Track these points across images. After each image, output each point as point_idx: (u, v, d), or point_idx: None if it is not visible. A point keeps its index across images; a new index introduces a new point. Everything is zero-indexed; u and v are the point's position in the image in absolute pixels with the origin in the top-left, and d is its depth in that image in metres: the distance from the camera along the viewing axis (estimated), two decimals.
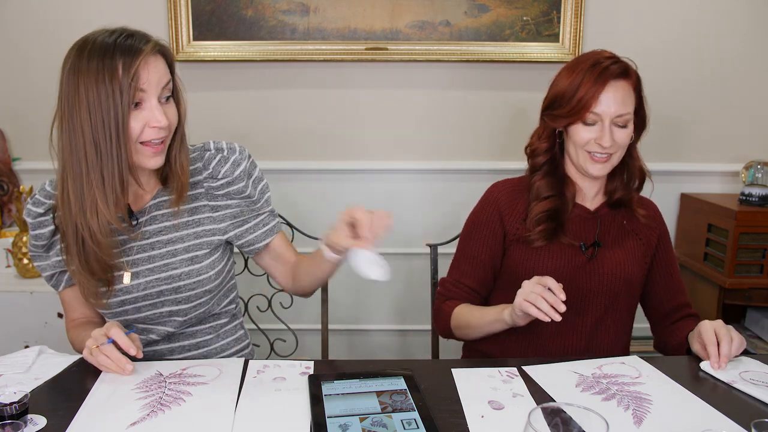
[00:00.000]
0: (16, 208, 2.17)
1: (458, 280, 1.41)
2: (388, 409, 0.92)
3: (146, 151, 1.11)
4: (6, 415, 0.88)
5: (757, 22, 2.21)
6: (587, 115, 1.27)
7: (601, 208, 1.38)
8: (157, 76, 1.09)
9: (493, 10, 2.16)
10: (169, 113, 1.13)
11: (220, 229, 1.25)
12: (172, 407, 0.95)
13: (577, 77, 1.28)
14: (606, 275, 1.33)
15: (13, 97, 2.25)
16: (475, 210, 1.44)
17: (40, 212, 1.20)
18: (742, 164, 2.24)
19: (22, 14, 2.19)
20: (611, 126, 1.27)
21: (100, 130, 1.05)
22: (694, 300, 2.25)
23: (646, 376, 1.08)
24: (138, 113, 1.08)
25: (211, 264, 1.24)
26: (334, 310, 2.33)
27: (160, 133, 1.11)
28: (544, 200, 1.34)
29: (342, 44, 2.18)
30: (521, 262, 1.35)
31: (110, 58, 1.05)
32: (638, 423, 0.92)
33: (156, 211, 1.22)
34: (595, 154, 1.29)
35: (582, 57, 1.33)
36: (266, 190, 1.31)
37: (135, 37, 1.09)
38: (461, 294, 1.40)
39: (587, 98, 1.26)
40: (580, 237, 1.35)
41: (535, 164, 1.39)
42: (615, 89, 1.26)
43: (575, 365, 1.12)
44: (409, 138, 2.30)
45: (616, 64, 1.28)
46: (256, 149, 2.28)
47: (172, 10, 2.13)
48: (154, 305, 1.22)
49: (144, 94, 1.08)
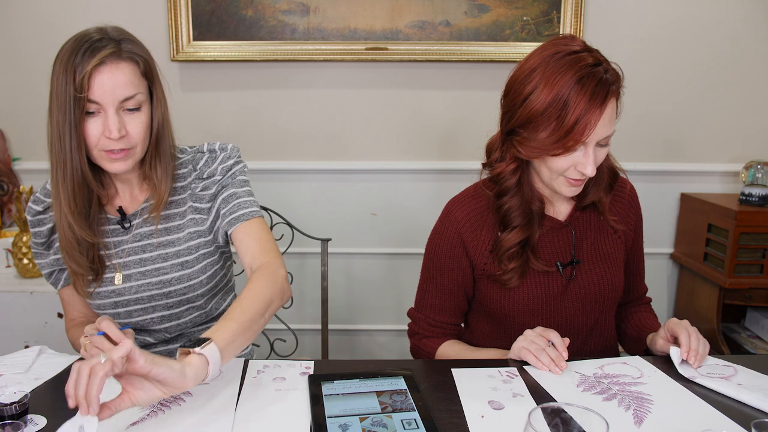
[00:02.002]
0: (16, 208, 2.17)
1: (431, 317, 1.29)
2: (388, 409, 0.92)
3: (106, 156, 1.09)
4: (6, 415, 0.88)
5: (757, 22, 2.21)
6: (578, 145, 1.06)
7: (572, 215, 1.24)
8: (112, 88, 1.05)
9: (493, 10, 2.16)
10: (131, 125, 1.08)
11: (205, 230, 1.23)
12: (172, 407, 0.95)
13: (561, 94, 1.03)
14: (590, 295, 1.22)
15: (13, 97, 2.25)
16: (435, 240, 1.26)
17: (39, 210, 1.20)
18: (742, 164, 2.24)
19: (22, 14, 2.19)
20: (594, 150, 1.08)
21: (61, 129, 1.05)
22: (694, 300, 2.25)
23: (648, 376, 1.08)
24: (95, 120, 1.06)
25: (203, 269, 1.22)
26: (334, 310, 2.34)
27: (117, 144, 1.08)
28: (516, 230, 1.17)
29: (342, 44, 2.18)
30: (494, 300, 1.23)
31: (72, 61, 1.03)
32: (639, 423, 0.92)
33: (147, 214, 1.21)
34: (573, 180, 1.12)
35: (558, 62, 1.06)
36: (237, 174, 1.23)
37: (103, 41, 1.05)
38: (438, 332, 1.30)
39: (581, 127, 1.03)
40: (553, 254, 1.22)
41: (503, 189, 1.18)
42: (608, 108, 1.05)
43: (577, 365, 1.11)
44: (409, 138, 2.30)
45: (608, 72, 1.06)
46: (255, 149, 2.29)
47: (172, 10, 2.13)
48: (146, 310, 1.22)
49: (96, 105, 1.05)
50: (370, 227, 2.34)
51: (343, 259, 2.36)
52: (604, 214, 1.24)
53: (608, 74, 1.06)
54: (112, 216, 1.21)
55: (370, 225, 2.34)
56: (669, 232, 2.39)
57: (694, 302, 2.27)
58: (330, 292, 1.80)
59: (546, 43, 1.12)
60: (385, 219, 2.34)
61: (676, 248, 2.38)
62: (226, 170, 1.23)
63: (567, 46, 1.08)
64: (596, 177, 1.19)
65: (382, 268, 2.38)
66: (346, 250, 2.34)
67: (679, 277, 2.40)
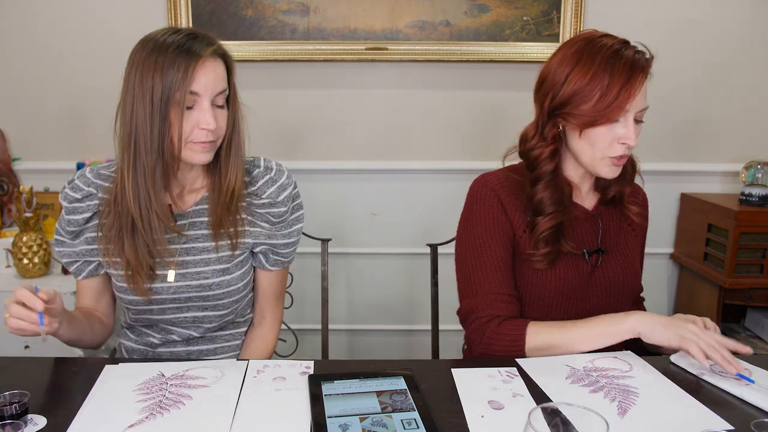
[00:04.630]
0: (16, 208, 2.17)
1: (494, 292, 1.19)
2: (388, 409, 0.92)
3: (195, 147, 1.13)
4: (6, 415, 0.88)
5: (757, 22, 2.21)
6: (621, 112, 1.13)
7: (598, 206, 1.30)
8: (213, 81, 1.11)
9: (493, 10, 2.16)
10: (220, 119, 1.14)
11: (252, 244, 1.25)
12: (171, 410, 0.95)
13: (601, 72, 1.12)
14: (614, 287, 1.27)
15: (13, 97, 2.25)
16: (473, 208, 1.26)
17: (77, 197, 1.20)
18: (742, 164, 2.24)
19: (22, 14, 2.19)
20: (633, 123, 1.16)
21: (150, 123, 1.08)
22: (694, 300, 2.25)
23: (637, 370, 1.09)
24: (189, 114, 1.10)
25: (241, 276, 1.24)
26: (334, 310, 2.34)
27: (209, 136, 1.12)
28: (550, 216, 1.20)
29: (342, 44, 2.18)
30: (524, 281, 1.24)
31: (166, 55, 1.07)
32: (622, 414, 0.93)
33: (196, 218, 1.22)
34: (617, 159, 1.17)
35: (590, 45, 1.16)
36: (301, 220, 1.30)
37: (198, 39, 1.11)
38: (512, 308, 1.20)
39: (622, 97, 1.11)
40: (581, 241, 1.26)
41: (540, 174, 1.22)
42: (641, 81, 1.14)
43: (568, 359, 1.12)
44: (409, 138, 2.30)
45: (638, 53, 1.15)
46: (255, 149, 2.29)
47: (172, 10, 2.13)
48: (180, 309, 1.23)
49: (197, 97, 1.10)
50: (369, 227, 2.34)
51: (343, 259, 2.36)
52: (623, 203, 1.30)
53: (639, 54, 1.16)
54: None
55: (370, 225, 2.34)
56: (669, 232, 2.39)
57: (694, 302, 2.26)
58: (330, 292, 1.80)
59: (573, 38, 1.23)
60: (386, 219, 2.34)
61: (676, 248, 2.38)
62: (294, 209, 1.28)
63: (595, 35, 1.19)
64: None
65: (382, 268, 2.38)
66: (346, 250, 2.34)
67: (679, 277, 2.41)
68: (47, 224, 2.08)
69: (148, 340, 1.28)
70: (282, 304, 1.37)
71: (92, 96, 2.21)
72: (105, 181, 1.21)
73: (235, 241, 1.21)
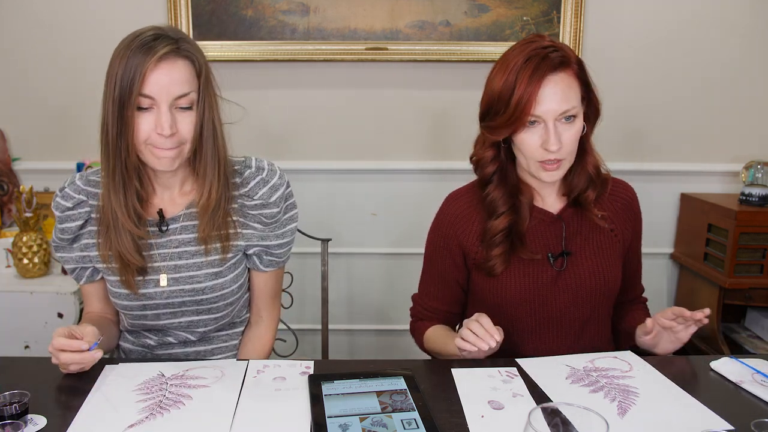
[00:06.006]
0: (16, 208, 2.17)
1: (426, 303, 1.36)
2: (388, 409, 0.92)
3: (154, 151, 1.09)
4: (6, 415, 0.88)
5: (756, 22, 2.21)
6: (527, 119, 1.11)
7: (565, 209, 1.26)
8: (168, 84, 1.05)
9: (493, 10, 2.16)
10: (181, 123, 1.08)
11: (242, 246, 1.23)
12: (171, 410, 0.95)
13: (509, 77, 1.11)
14: (582, 288, 1.23)
15: (13, 97, 2.25)
16: (432, 233, 1.34)
17: (68, 206, 1.19)
18: (742, 164, 2.24)
19: (21, 14, 2.19)
20: (555, 126, 1.11)
21: (111, 122, 1.07)
22: (694, 300, 2.25)
23: (637, 370, 1.09)
24: (147, 115, 1.07)
25: (234, 278, 1.22)
26: (334, 310, 2.34)
27: (166, 142, 1.07)
28: (501, 216, 1.21)
29: (342, 44, 2.18)
30: (485, 290, 1.25)
31: (126, 54, 1.04)
32: (622, 414, 0.93)
33: (187, 221, 1.20)
34: (546, 163, 1.14)
35: (514, 50, 1.14)
36: (295, 219, 1.28)
37: (161, 38, 1.06)
38: (432, 316, 1.35)
39: (525, 101, 1.09)
40: (545, 246, 1.23)
41: (484, 176, 1.25)
42: (554, 83, 1.10)
43: (568, 359, 1.12)
44: (409, 138, 2.30)
45: (554, 53, 1.11)
46: (255, 149, 2.29)
47: (172, 10, 2.13)
48: (174, 314, 1.22)
49: (150, 100, 1.05)
50: (370, 227, 2.34)
51: (343, 259, 2.36)
52: (588, 208, 1.24)
53: (556, 53, 1.11)
54: (150, 218, 1.20)
55: (370, 225, 2.34)
56: (669, 232, 2.39)
57: (694, 302, 2.26)
58: (330, 292, 1.80)
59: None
60: (385, 219, 2.34)
61: (676, 248, 2.39)
62: (287, 209, 1.26)
63: (528, 41, 1.15)
64: (576, 164, 1.21)
65: (382, 268, 2.38)
66: (346, 250, 2.34)
67: (679, 277, 2.40)
68: (47, 224, 2.08)
69: (145, 341, 1.27)
70: (279, 304, 1.36)
71: (92, 96, 2.19)
72: (95, 188, 1.19)
73: (227, 245, 1.19)
